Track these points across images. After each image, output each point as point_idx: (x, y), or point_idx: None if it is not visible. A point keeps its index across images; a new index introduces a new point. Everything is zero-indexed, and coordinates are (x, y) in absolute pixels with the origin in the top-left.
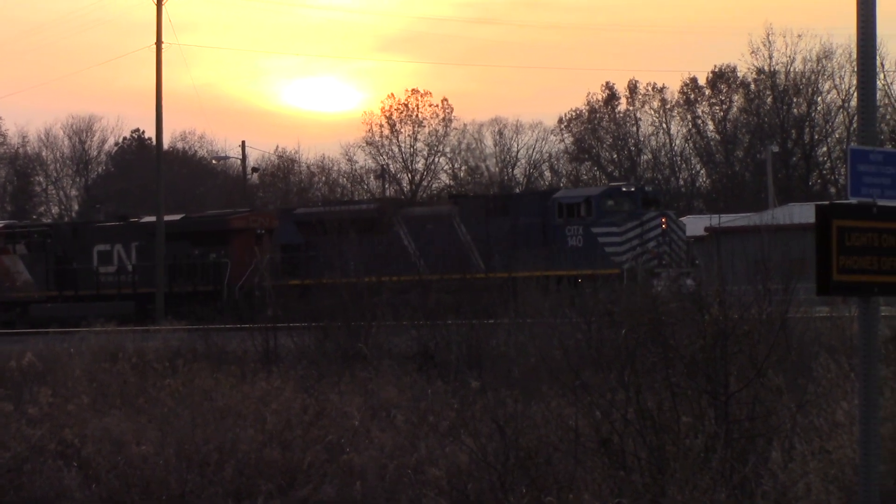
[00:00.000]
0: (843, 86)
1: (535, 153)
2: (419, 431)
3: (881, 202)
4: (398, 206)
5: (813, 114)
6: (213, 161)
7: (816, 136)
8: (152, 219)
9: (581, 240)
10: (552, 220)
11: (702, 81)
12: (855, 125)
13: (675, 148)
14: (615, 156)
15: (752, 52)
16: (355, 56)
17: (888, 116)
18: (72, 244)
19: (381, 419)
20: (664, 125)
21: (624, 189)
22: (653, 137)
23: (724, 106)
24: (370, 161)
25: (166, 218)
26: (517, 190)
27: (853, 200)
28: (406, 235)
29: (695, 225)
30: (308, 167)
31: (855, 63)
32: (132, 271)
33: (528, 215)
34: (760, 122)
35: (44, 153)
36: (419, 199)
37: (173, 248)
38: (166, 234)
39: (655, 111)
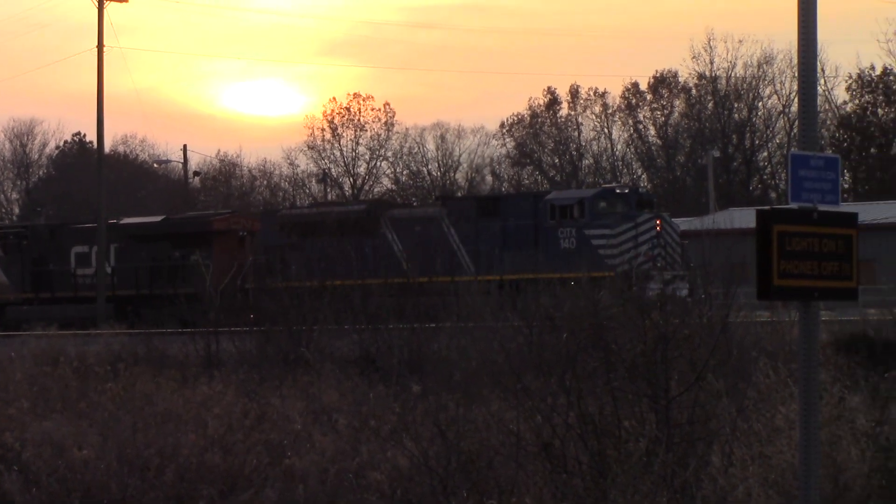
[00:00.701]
0: (783, 91)
1: (476, 158)
2: (361, 435)
3: (821, 207)
4: (386, 207)
5: (754, 119)
6: (155, 165)
7: (757, 142)
8: (132, 220)
9: (574, 242)
10: (544, 221)
11: (643, 86)
12: (795, 130)
13: (617, 153)
14: (557, 160)
15: (694, 57)
16: (297, 60)
17: (828, 122)
18: (49, 246)
19: (323, 423)
20: (606, 130)
21: (618, 191)
22: (594, 142)
23: (665, 111)
24: (312, 165)
25: (147, 219)
26: (453, 193)
27: (794, 205)
28: (393, 237)
29: None
30: (249, 171)
31: (795, 69)
32: (111, 273)
33: (519, 217)
34: (701, 127)
35: None
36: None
37: (153, 249)
38: (146, 236)
39: (597, 116)
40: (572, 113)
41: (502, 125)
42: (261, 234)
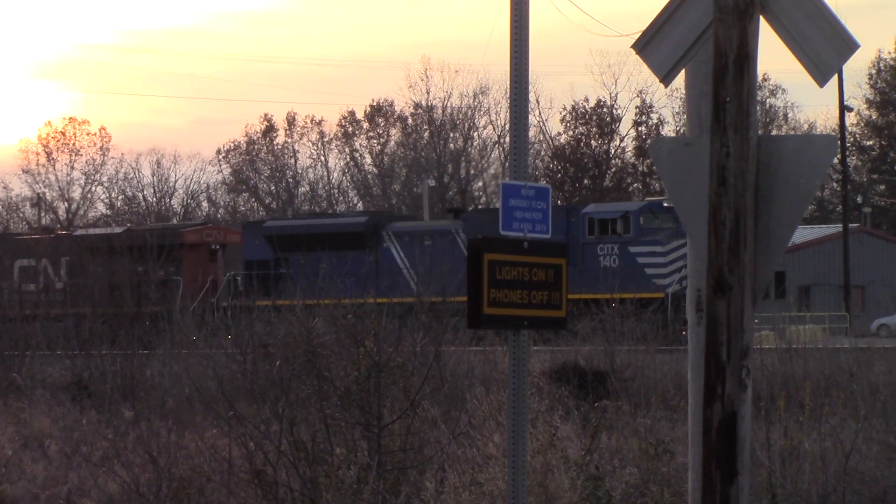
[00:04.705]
0: (498, 122)
1: (193, 184)
2: (72, 462)
3: (532, 236)
4: (389, 219)
5: (469, 149)
6: None
7: (472, 171)
8: (88, 231)
9: (616, 259)
10: (580, 237)
11: (360, 115)
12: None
13: (333, 180)
14: (273, 187)
15: (410, 86)
16: (8, 81)
17: (543, 153)
18: None
19: (34, 449)
20: (322, 158)
21: (665, 204)
22: (311, 170)
23: (381, 140)
24: (26, 189)
25: (106, 230)
26: (174, 220)
27: (505, 234)
28: (398, 252)
29: None
30: None
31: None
32: (63, 290)
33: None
34: (417, 156)
35: None
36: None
37: (114, 264)
38: (106, 249)
39: (314, 143)
40: (289, 140)
41: (218, 152)
42: (242, 247)
